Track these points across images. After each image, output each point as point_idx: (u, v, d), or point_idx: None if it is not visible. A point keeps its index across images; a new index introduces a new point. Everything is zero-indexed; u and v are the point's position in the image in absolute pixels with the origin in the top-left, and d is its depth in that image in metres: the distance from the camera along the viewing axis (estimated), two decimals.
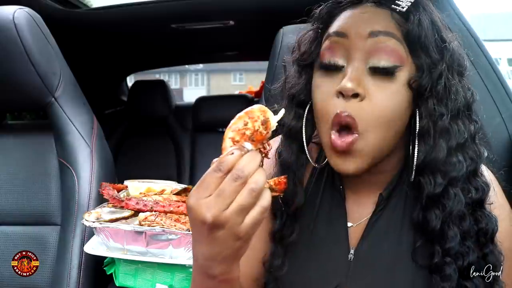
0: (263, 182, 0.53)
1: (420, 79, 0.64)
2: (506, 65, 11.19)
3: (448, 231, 0.66)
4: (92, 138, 1.26)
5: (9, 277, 1.15)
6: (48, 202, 1.21)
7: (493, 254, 0.67)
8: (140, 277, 1.05)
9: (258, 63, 3.49)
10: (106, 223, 1.02)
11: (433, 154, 0.66)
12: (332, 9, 0.71)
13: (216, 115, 2.75)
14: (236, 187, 0.52)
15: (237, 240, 0.54)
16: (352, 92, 0.63)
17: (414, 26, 0.64)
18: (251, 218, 0.53)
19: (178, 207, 1.07)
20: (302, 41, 0.75)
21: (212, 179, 0.53)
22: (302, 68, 0.75)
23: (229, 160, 0.52)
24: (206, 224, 0.52)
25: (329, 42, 0.68)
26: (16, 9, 1.15)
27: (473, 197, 0.67)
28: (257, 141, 0.56)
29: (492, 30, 14.01)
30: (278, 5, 1.78)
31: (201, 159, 2.76)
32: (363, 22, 0.65)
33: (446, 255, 0.66)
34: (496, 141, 1.03)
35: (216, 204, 0.52)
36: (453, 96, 0.66)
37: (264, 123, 0.56)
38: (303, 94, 0.74)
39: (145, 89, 2.88)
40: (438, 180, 0.66)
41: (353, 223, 0.75)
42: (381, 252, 0.71)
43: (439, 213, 0.66)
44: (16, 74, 1.17)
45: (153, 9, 1.87)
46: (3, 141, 1.28)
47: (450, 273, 0.65)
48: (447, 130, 0.66)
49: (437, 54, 0.65)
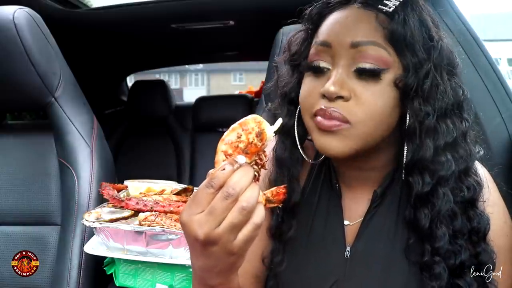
0: (255, 200, 0.52)
1: (406, 79, 0.65)
2: (506, 65, 11.19)
3: (436, 230, 0.66)
4: (92, 138, 1.26)
5: (9, 277, 1.15)
6: (48, 202, 1.21)
7: (486, 252, 0.68)
8: (140, 277, 1.05)
9: (258, 63, 3.49)
10: (106, 223, 1.02)
11: (420, 153, 0.66)
12: (322, 10, 0.72)
13: (216, 115, 2.75)
14: (228, 205, 0.51)
15: (232, 256, 0.54)
16: (335, 95, 0.64)
17: (399, 26, 0.64)
18: (243, 235, 0.53)
19: (178, 207, 1.06)
20: (293, 41, 0.77)
21: (204, 196, 0.52)
22: (293, 68, 0.77)
23: (220, 176, 0.52)
24: (198, 240, 0.52)
25: (315, 50, 0.69)
26: (16, 9, 1.15)
27: (465, 196, 0.68)
28: (251, 154, 0.55)
29: (492, 30, 14.01)
30: (278, 5, 1.77)
31: (201, 159, 2.76)
32: (345, 30, 0.66)
33: (435, 254, 0.66)
34: (496, 141, 1.03)
35: (207, 222, 0.51)
36: (440, 96, 0.66)
37: (259, 134, 0.54)
38: (294, 92, 0.75)
39: (145, 89, 2.88)
40: (426, 179, 0.66)
41: (350, 221, 0.76)
42: (376, 249, 0.72)
43: (428, 212, 0.67)
44: (16, 74, 1.17)
45: (153, 9, 1.87)
46: (3, 141, 1.28)
47: (440, 272, 0.66)
48: (433, 129, 0.66)
49: (424, 53, 0.65)
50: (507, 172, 0.99)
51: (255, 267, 0.79)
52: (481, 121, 1.03)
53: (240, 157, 0.53)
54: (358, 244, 0.73)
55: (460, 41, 1.09)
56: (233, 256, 0.54)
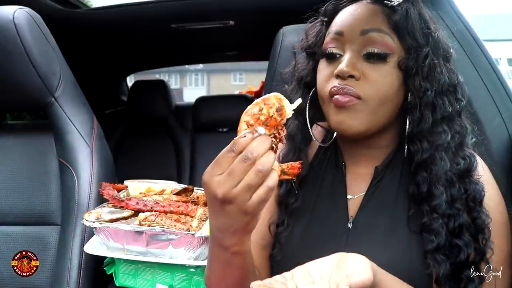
0: (270, 164, 0.57)
1: (407, 61, 0.74)
2: (506, 65, 11.20)
3: (434, 190, 0.73)
4: (92, 138, 1.26)
5: (9, 277, 1.15)
6: (48, 202, 1.21)
7: (481, 217, 0.74)
8: (140, 277, 1.05)
9: (258, 63, 3.49)
10: (106, 223, 1.02)
11: (420, 125, 0.75)
12: (335, 6, 0.83)
13: (216, 115, 2.75)
14: (245, 167, 0.57)
15: (246, 215, 0.59)
16: (347, 74, 0.73)
17: (402, 17, 0.75)
18: (257, 196, 0.58)
19: (178, 207, 1.07)
20: (310, 32, 0.87)
21: (225, 159, 0.58)
22: (309, 55, 0.87)
23: (241, 142, 0.58)
24: (217, 199, 0.58)
25: (330, 38, 0.79)
26: (16, 9, 1.15)
27: (462, 167, 0.75)
28: (271, 126, 0.61)
29: (492, 30, 14.01)
30: (278, 5, 1.78)
31: (201, 159, 2.77)
32: (355, 21, 0.77)
33: (433, 212, 0.73)
34: (496, 141, 1.03)
35: (226, 182, 0.57)
36: (437, 75, 0.75)
37: (279, 110, 0.60)
38: (309, 77, 0.85)
39: (145, 89, 2.88)
40: (425, 146, 0.75)
41: (353, 195, 0.82)
42: (377, 220, 0.78)
43: (427, 176, 0.74)
44: (16, 74, 1.17)
45: (153, 9, 1.87)
46: (3, 141, 1.28)
47: (438, 228, 0.72)
48: (432, 103, 0.75)
49: (422, 39, 0.75)
50: (507, 172, 0.99)
51: (263, 239, 0.86)
52: (481, 121, 1.03)
53: (260, 128, 0.59)
54: (360, 216, 0.79)
55: (460, 41, 1.09)
56: (248, 216, 0.59)
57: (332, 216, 0.81)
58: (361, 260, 0.63)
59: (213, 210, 0.62)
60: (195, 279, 1.03)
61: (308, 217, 0.83)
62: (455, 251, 0.72)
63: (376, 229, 0.77)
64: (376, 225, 0.77)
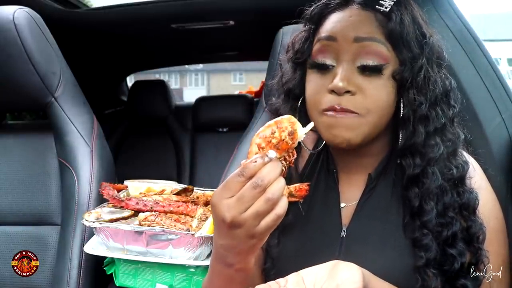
0: (280, 192, 0.57)
1: (402, 72, 0.72)
2: (506, 65, 11.20)
3: (425, 206, 0.72)
4: (92, 138, 1.26)
5: (9, 277, 1.15)
6: (48, 202, 1.21)
7: (475, 225, 0.73)
8: (140, 277, 1.05)
9: (258, 63, 3.48)
10: (106, 223, 1.02)
11: (412, 139, 0.73)
12: (322, 10, 0.78)
13: (216, 115, 2.74)
14: (255, 194, 0.56)
15: (252, 239, 0.59)
16: (343, 90, 0.71)
17: (396, 25, 0.71)
18: (266, 223, 0.57)
19: (178, 207, 1.07)
20: (296, 41, 0.83)
21: (235, 183, 0.57)
22: (296, 65, 0.83)
23: (252, 167, 0.57)
24: (226, 222, 0.58)
25: (320, 45, 0.75)
26: (16, 9, 1.15)
27: (455, 175, 0.74)
28: (281, 150, 0.59)
29: (492, 30, 14.02)
30: (278, 5, 1.77)
31: (201, 159, 2.76)
32: (349, 27, 0.73)
33: (423, 227, 0.72)
34: (496, 141, 1.03)
35: (235, 207, 0.57)
36: (432, 86, 0.73)
37: (291, 134, 0.59)
38: (297, 88, 0.82)
39: (145, 89, 2.87)
40: (417, 161, 0.74)
41: (346, 203, 0.81)
42: (371, 228, 0.77)
43: (418, 191, 0.73)
44: (16, 74, 1.17)
45: (153, 9, 1.87)
46: (3, 141, 1.28)
47: (428, 243, 0.71)
48: (425, 117, 0.73)
49: (417, 48, 0.73)
50: (507, 172, 0.99)
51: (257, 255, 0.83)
52: (481, 121, 1.03)
53: (271, 152, 0.58)
54: (354, 224, 0.78)
55: (460, 41, 1.09)
56: (254, 240, 0.59)
57: (325, 224, 0.80)
58: (352, 269, 0.62)
59: (220, 231, 0.61)
60: (195, 279, 1.03)
61: (300, 227, 0.81)
62: (449, 261, 0.71)
63: (370, 237, 0.76)
64: (370, 233, 0.77)
